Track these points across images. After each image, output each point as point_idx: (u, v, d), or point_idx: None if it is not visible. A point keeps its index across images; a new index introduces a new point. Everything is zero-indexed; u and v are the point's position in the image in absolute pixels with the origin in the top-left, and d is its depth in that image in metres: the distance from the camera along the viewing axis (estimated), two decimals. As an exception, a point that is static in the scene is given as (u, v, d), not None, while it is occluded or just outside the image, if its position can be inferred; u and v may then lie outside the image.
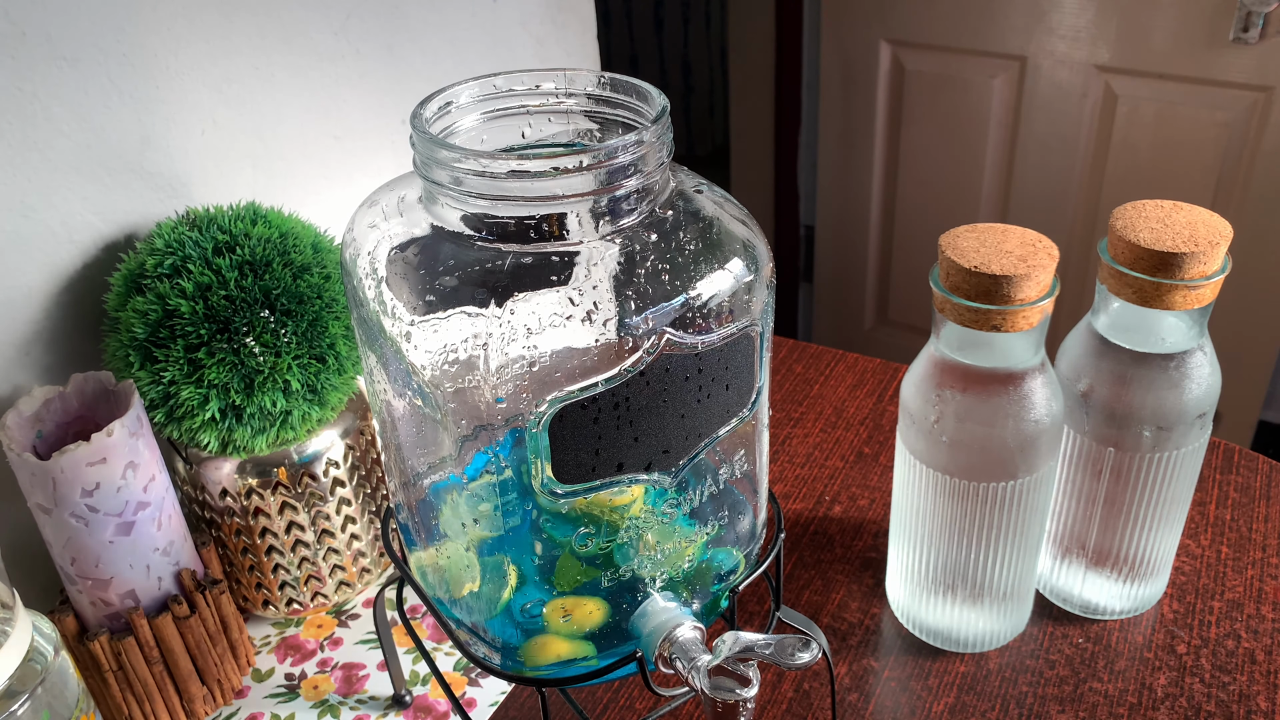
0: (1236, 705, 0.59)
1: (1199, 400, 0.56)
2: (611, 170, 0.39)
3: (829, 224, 2.01)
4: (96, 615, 0.58)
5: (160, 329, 0.57)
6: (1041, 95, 1.64)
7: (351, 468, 0.66)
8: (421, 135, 0.40)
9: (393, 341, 0.41)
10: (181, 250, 0.59)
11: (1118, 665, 0.62)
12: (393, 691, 0.64)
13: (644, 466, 0.42)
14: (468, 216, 0.41)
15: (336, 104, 0.74)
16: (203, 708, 0.63)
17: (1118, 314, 0.56)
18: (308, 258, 0.61)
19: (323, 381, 0.60)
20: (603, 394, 0.39)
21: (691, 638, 0.43)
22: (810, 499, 0.77)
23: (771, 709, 0.61)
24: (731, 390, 0.44)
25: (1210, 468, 0.76)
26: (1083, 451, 0.60)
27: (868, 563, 0.71)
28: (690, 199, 0.44)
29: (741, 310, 0.42)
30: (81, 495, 0.54)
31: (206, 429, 0.58)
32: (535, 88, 0.46)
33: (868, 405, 0.86)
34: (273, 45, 0.68)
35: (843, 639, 0.65)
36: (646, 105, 0.44)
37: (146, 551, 0.58)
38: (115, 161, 0.62)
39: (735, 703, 0.41)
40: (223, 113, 0.67)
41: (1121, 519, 0.61)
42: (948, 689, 0.61)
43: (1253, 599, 0.66)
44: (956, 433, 0.55)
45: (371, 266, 0.42)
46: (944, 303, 0.53)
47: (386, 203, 0.45)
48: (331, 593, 0.69)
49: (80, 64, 0.59)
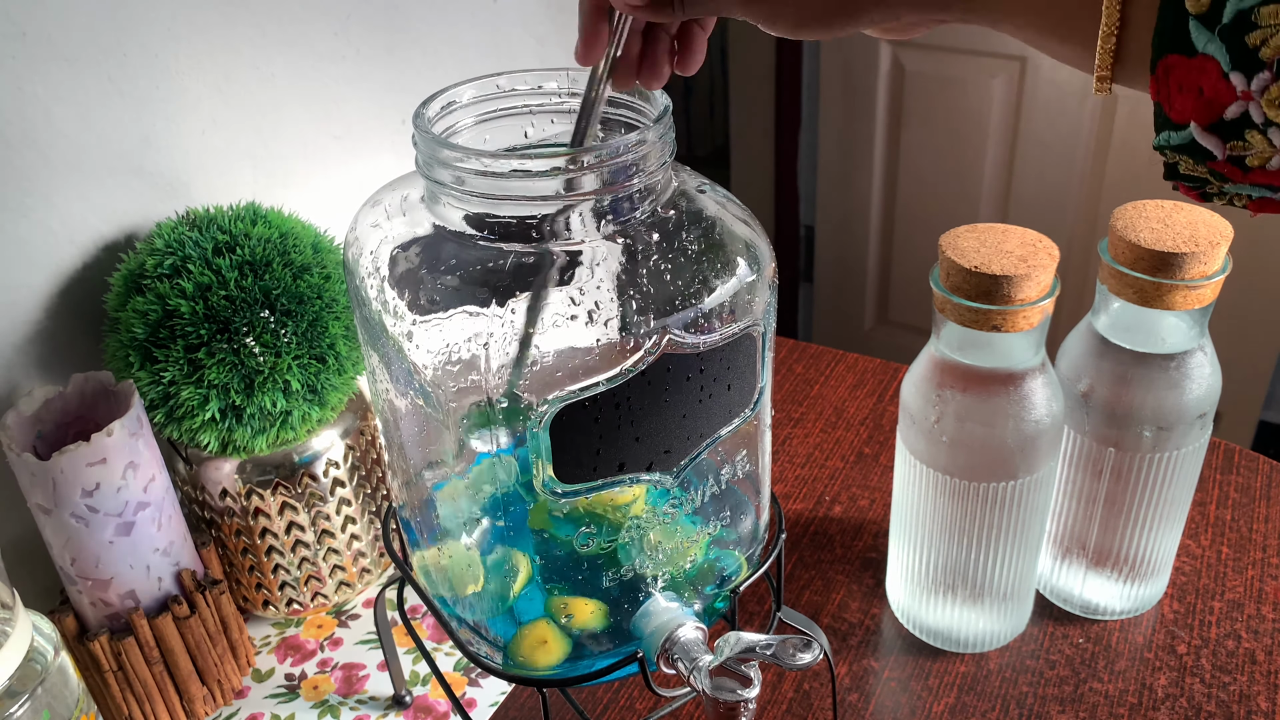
0: (1237, 705, 0.59)
1: (1199, 400, 0.56)
2: (613, 170, 0.39)
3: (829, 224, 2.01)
4: (96, 615, 0.58)
5: (160, 329, 0.57)
6: (1041, 95, 1.64)
7: (351, 468, 0.66)
8: (424, 135, 0.40)
9: (395, 341, 0.41)
10: (181, 250, 0.59)
11: (1118, 665, 0.62)
12: (393, 691, 0.64)
13: (645, 466, 0.42)
14: (470, 216, 0.41)
15: (336, 104, 0.74)
16: (203, 708, 0.63)
17: (1118, 314, 0.56)
18: (308, 258, 0.61)
19: (323, 381, 0.60)
20: (604, 394, 0.39)
21: (693, 638, 0.43)
22: (810, 499, 0.77)
23: (772, 709, 0.61)
24: (733, 390, 0.44)
25: (1210, 468, 0.76)
26: (1083, 452, 0.60)
27: (868, 563, 0.71)
28: (692, 199, 0.44)
29: (743, 310, 0.42)
30: (81, 495, 0.54)
31: (206, 429, 0.58)
32: (538, 88, 0.46)
33: (868, 405, 0.86)
34: (273, 45, 0.68)
35: (843, 639, 0.65)
36: (648, 105, 0.44)
37: (146, 551, 0.58)
38: (115, 161, 0.62)
39: (736, 703, 0.41)
40: (223, 113, 0.67)
41: (1122, 519, 0.61)
42: (948, 689, 0.61)
43: (1253, 599, 0.66)
44: (957, 433, 0.55)
45: (374, 266, 0.42)
46: (944, 303, 0.53)
47: (389, 202, 0.45)
48: (331, 593, 0.69)
49: (80, 64, 0.59)
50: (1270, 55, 0.27)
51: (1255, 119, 0.28)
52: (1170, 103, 0.30)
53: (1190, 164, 0.31)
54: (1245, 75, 0.27)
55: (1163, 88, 0.30)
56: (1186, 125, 0.30)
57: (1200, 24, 0.28)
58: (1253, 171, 0.29)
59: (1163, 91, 0.30)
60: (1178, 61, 0.29)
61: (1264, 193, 0.30)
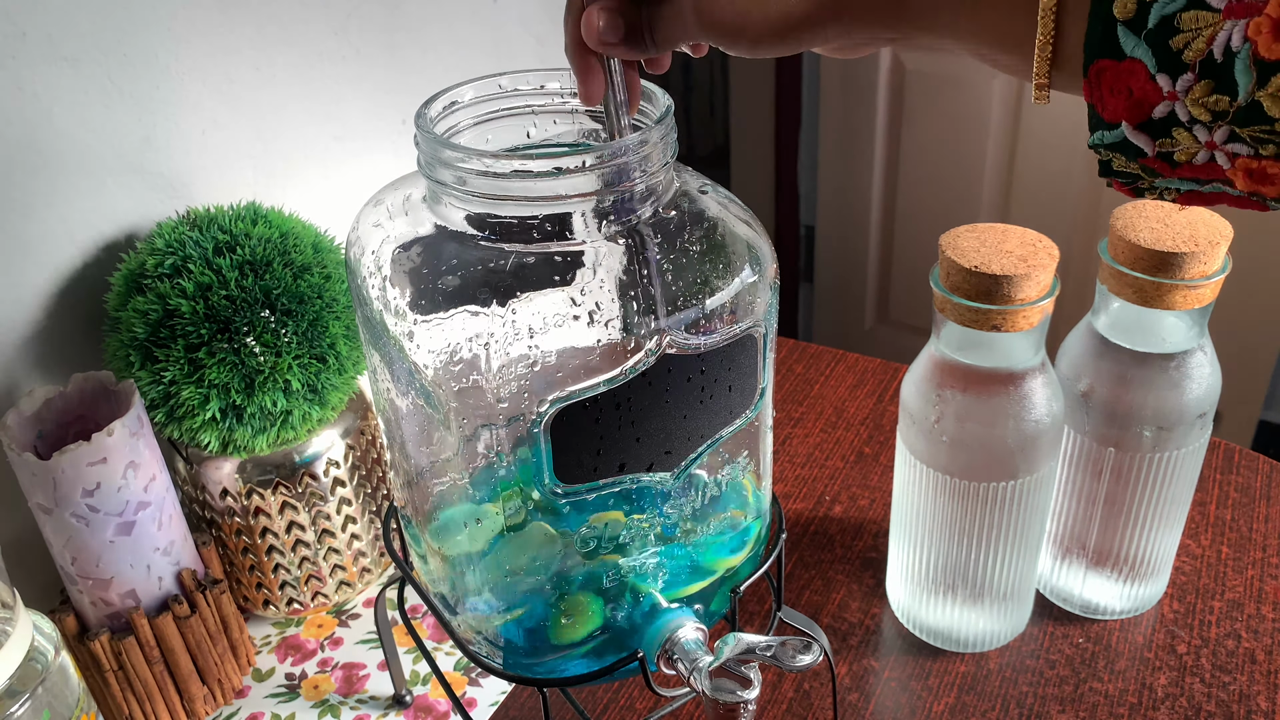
0: (1237, 705, 0.59)
1: (1199, 400, 0.56)
2: (615, 170, 0.39)
3: (829, 224, 2.01)
4: (97, 615, 0.58)
5: (161, 329, 0.57)
6: (1041, 95, 1.64)
7: (352, 468, 0.66)
8: (426, 135, 0.40)
9: (396, 341, 0.41)
10: (182, 250, 0.59)
11: (1118, 665, 0.62)
12: (393, 691, 0.64)
13: (646, 467, 0.42)
14: (471, 216, 0.41)
15: (336, 104, 0.74)
16: (203, 707, 0.63)
17: (1118, 314, 0.56)
18: (308, 258, 0.61)
19: (323, 381, 0.60)
20: (604, 394, 0.39)
21: (693, 639, 0.43)
22: (811, 499, 0.77)
23: (772, 709, 0.61)
24: (734, 391, 0.44)
25: (1210, 468, 0.76)
26: (1083, 451, 0.60)
27: (868, 563, 0.71)
28: (694, 199, 0.44)
29: (745, 311, 0.42)
30: (82, 495, 0.54)
31: (207, 429, 0.58)
32: (540, 87, 0.46)
33: (868, 405, 0.86)
34: (273, 45, 0.68)
35: (843, 639, 0.65)
36: (650, 105, 0.44)
37: (147, 551, 0.58)
38: (115, 161, 0.62)
39: (736, 704, 0.41)
40: (223, 113, 0.67)
41: (1122, 519, 0.61)
42: (948, 689, 0.61)
43: (1253, 599, 0.66)
44: (957, 433, 0.55)
45: (376, 265, 0.42)
46: (944, 303, 0.53)
47: (391, 202, 0.45)
48: (332, 592, 0.69)
49: (80, 64, 0.59)
50: (1193, 58, 0.29)
51: (1181, 117, 0.30)
52: (1103, 104, 0.32)
53: (1123, 161, 0.33)
54: (1170, 77, 0.29)
55: (1095, 90, 0.32)
56: (1118, 125, 0.32)
57: (1127, 29, 0.30)
58: (1180, 166, 0.31)
59: (1095, 94, 0.32)
60: (1109, 65, 0.31)
61: (1191, 186, 0.33)
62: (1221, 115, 0.29)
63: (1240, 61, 0.28)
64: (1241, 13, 0.28)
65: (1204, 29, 0.29)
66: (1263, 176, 0.30)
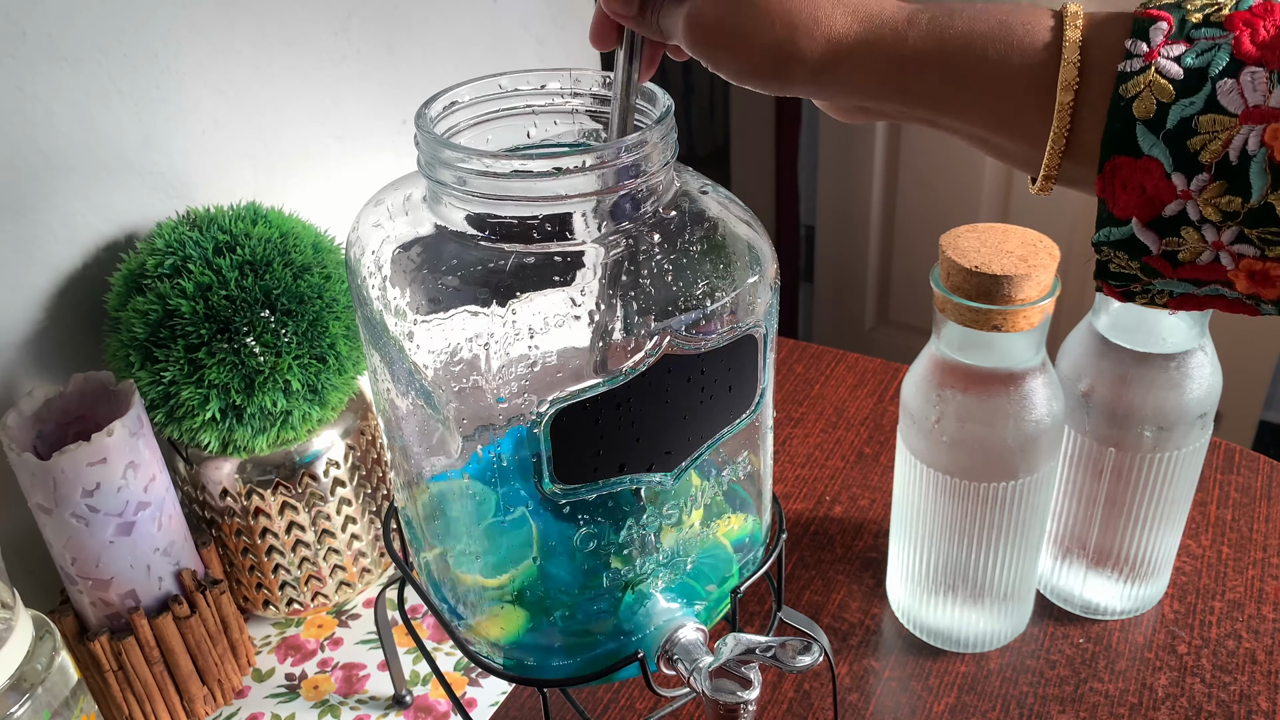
0: (1237, 705, 0.59)
1: (1200, 400, 0.56)
2: (615, 171, 0.39)
3: (829, 224, 2.00)
4: (97, 615, 0.58)
5: (160, 329, 0.57)
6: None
7: (352, 468, 0.66)
8: (426, 135, 0.40)
9: (396, 341, 0.41)
10: (182, 250, 0.59)
11: (1118, 665, 0.62)
12: (393, 691, 0.64)
13: (646, 467, 0.42)
14: (471, 216, 0.41)
15: (336, 104, 0.74)
16: (203, 708, 0.63)
17: (1118, 314, 0.56)
18: (308, 258, 0.61)
19: (323, 381, 0.60)
20: (604, 394, 0.39)
21: (694, 639, 0.43)
22: (811, 499, 0.77)
23: (772, 709, 0.61)
24: (735, 391, 0.44)
25: (1211, 468, 0.76)
26: (1083, 452, 0.60)
27: (868, 563, 0.71)
28: (695, 200, 0.44)
29: (745, 311, 0.42)
30: (82, 495, 0.54)
31: (207, 429, 0.58)
32: (541, 88, 0.46)
33: (868, 405, 0.86)
34: (273, 45, 0.68)
35: (843, 639, 0.65)
36: (651, 105, 0.44)
37: (147, 551, 0.58)
38: (115, 161, 0.62)
39: (736, 704, 0.41)
40: (223, 113, 0.67)
41: (1122, 519, 0.61)
42: (948, 689, 0.61)
43: (1253, 599, 0.66)
44: (957, 433, 0.55)
45: (376, 265, 0.42)
46: (944, 303, 0.53)
47: (391, 202, 0.45)
48: (332, 593, 0.69)
49: (80, 64, 0.59)
50: (1209, 159, 0.30)
51: (1191, 216, 0.31)
52: (1114, 199, 0.32)
53: (1123, 260, 0.34)
54: (1186, 176, 0.31)
55: (1108, 186, 0.32)
56: (1128, 221, 0.32)
57: (1146, 128, 0.31)
58: (1182, 266, 0.32)
59: (1108, 189, 0.32)
60: (1124, 162, 0.32)
61: (1187, 288, 0.34)
62: (1232, 216, 0.30)
63: (1256, 165, 0.29)
64: (1258, 118, 0.29)
65: (1221, 132, 0.30)
66: (1265, 278, 0.31)
